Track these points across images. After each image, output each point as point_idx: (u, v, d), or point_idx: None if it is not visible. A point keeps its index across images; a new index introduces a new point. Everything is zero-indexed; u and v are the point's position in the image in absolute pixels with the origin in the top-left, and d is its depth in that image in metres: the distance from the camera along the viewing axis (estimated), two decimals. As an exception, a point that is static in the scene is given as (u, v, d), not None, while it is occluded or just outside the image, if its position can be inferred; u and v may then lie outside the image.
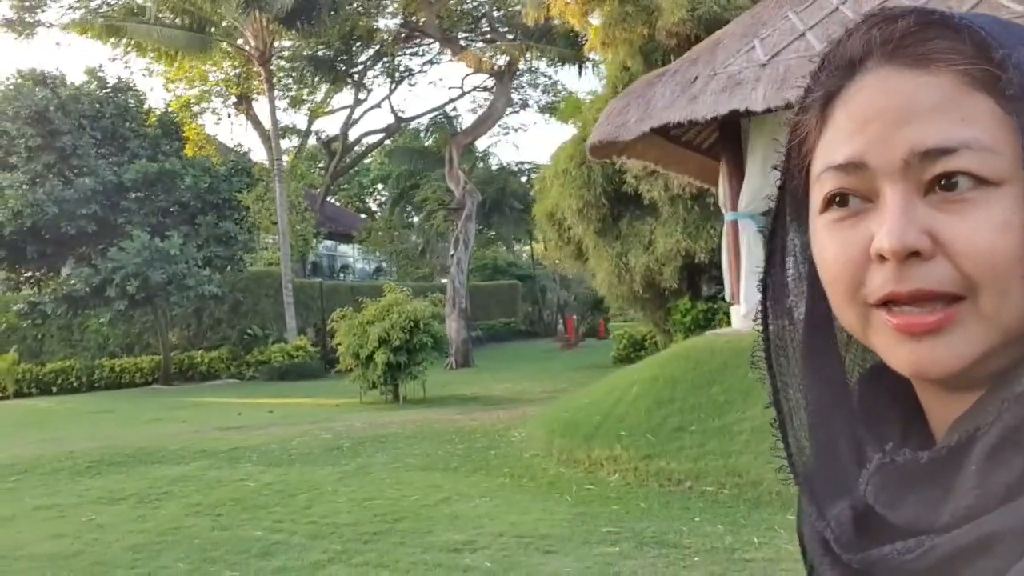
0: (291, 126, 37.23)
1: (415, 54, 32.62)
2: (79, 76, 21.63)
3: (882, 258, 0.49)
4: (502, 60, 22.03)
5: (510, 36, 23.32)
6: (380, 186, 44.75)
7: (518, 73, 26.44)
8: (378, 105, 52.75)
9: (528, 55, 20.01)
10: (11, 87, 17.91)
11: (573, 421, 7.49)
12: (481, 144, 34.81)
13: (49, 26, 24.41)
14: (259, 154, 31.52)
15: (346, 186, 44.55)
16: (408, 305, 12.85)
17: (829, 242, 0.53)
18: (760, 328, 0.61)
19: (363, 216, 42.63)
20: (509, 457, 8.01)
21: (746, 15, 7.96)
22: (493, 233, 38.47)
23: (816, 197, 0.55)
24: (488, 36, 24.56)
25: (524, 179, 35.44)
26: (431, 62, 34.68)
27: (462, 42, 22.59)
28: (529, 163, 36.75)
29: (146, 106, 19.67)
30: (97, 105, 18.35)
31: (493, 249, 41.07)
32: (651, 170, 12.34)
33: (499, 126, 32.68)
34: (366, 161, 40.63)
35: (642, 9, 12.05)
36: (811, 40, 6.82)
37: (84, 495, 7.17)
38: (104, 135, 18.47)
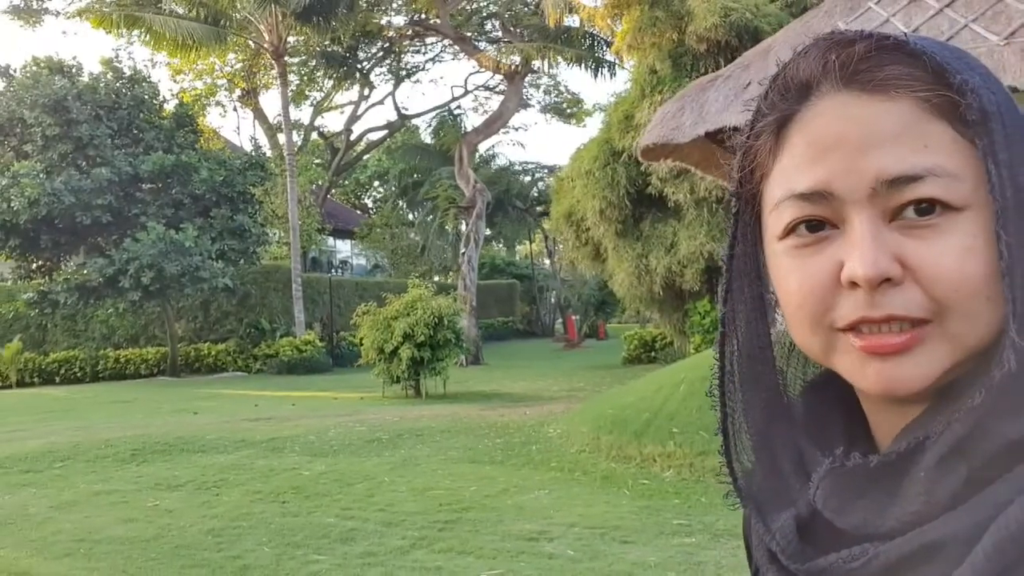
0: (295, 121, 37.24)
1: (418, 51, 32.76)
2: (85, 66, 21.52)
3: (853, 285, 0.50)
4: (515, 60, 22.15)
5: (522, 36, 23.45)
6: (376, 183, 44.81)
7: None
8: (381, 102, 52.79)
9: (546, 56, 20.12)
10: (28, 75, 17.85)
11: (621, 418, 7.64)
12: (483, 144, 35.00)
13: (57, 14, 24.35)
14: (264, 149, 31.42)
15: (343, 182, 44.57)
16: (432, 301, 12.96)
17: (792, 269, 0.53)
18: (717, 356, 0.61)
19: (359, 212, 42.63)
20: (552, 452, 8.15)
21: (796, 23, 8.13)
22: (492, 232, 38.57)
23: (775, 223, 0.54)
24: (499, 36, 24.69)
25: (527, 179, 35.55)
26: (434, 60, 34.82)
27: (474, 42, 22.65)
28: (533, 163, 36.85)
29: (160, 98, 19.62)
30: (114, 96, 18.31)
31: (490, 248, 41.21)
32: (677, 172, 12.52)
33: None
34: (364, 157, 40.65)
35: (672, 15, 12.20)
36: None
37: (138, 482, 7.24)
38: (120, 126, 18.45)
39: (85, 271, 18.06)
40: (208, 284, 18.03)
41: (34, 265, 18.91)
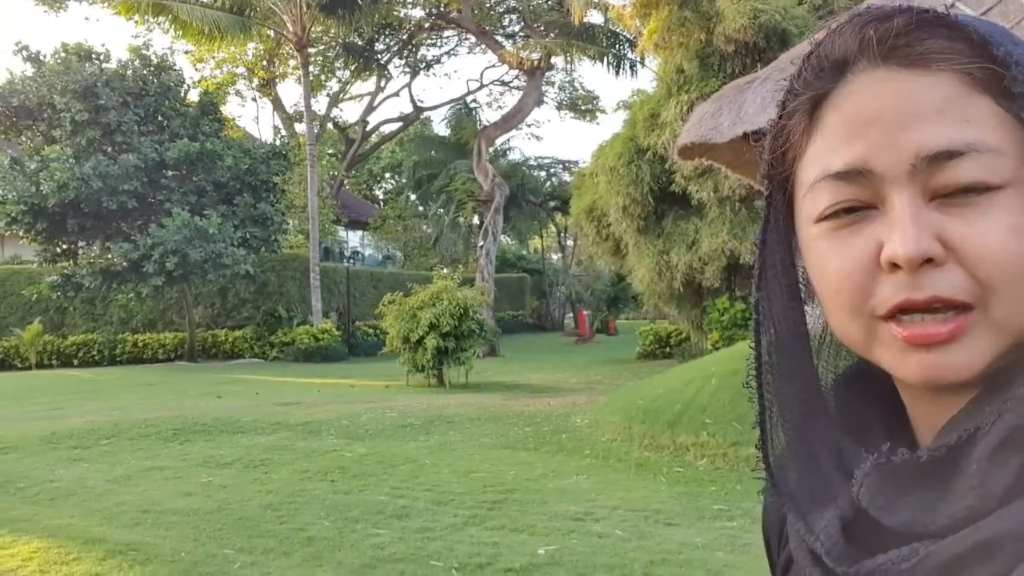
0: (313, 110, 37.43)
1: (433, 44, 32.95)
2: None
3: (893, 267, 0.48)
4: (536, 56, 22.34)
5: (542, 31, 23.64)
6: (388, 175, 45.05)
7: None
8: (396, 94, 53.05)
9: (569, 53, 20.31)
10: (59, 61, 18.09)
11: (653, 409, 7.86)
12: (498, 138, 35.22)
13: (89, 2, 24.56)
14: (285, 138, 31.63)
15: (355, 174, 44.82)
16: (457, 292, 13.20)
17: (830, 252, 0.51)
18: (753, 345, 0.59)
19: (372, 204, 42.88)
20: (583, 440, 8.38)
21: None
22: (505, 226, 38.79)
23: (811, 205, 0.53)
24: (516, 31, 24.89)
25: (541, 174, 35.75)
26: (449, 53, 35.02)
27: (496, 37, 22.85)
28: (548, 158, 37.01)
29: (185, 86, 19.86)
30: (141, 83, 18.55)
31: (501, 242, 41.42)
32: (702, 171, 12.72)
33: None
34: (380, 149, 40.87)
35: (700, 15, 12.39)
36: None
37: (185, 459, 7.49)
38: (146, 112, 18.69)
39: (110, 255, 18.32)
40: (230, 271, 18.28)
41: (59, 249, 19.16)
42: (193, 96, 20.88)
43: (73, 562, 4.53)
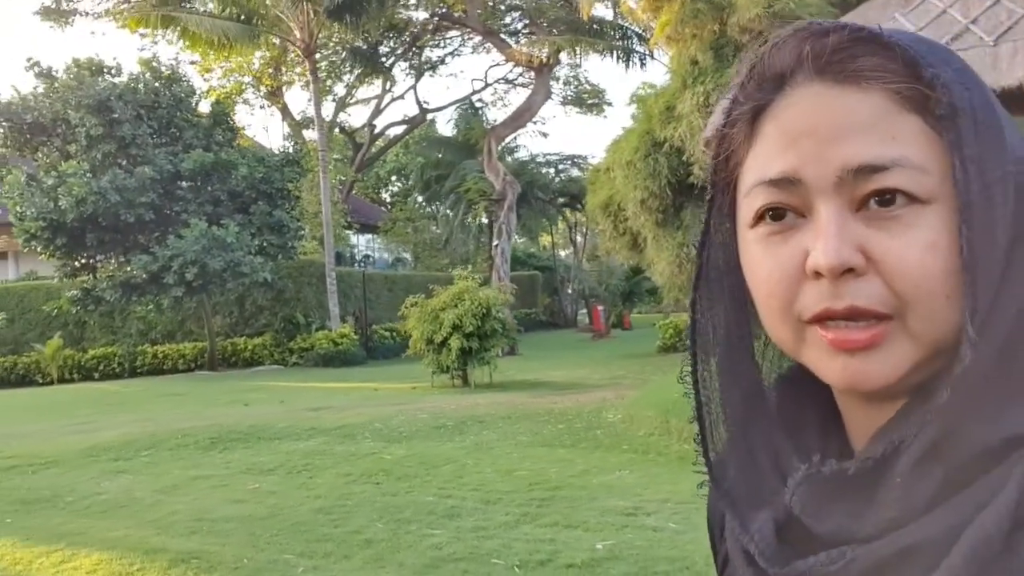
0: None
1: (437, 45, 33.00)
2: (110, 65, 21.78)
3: (817, 275, 0.50)
4: (543, 53, 22.36)
5: (547, 28, 23.66)
6: (394, 178, 45.16)
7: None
8: (401, 97, 53.09)
9: (578, 48, 20.33)
10: (72, 76, 18.21)
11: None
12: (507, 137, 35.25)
13: (86, 15, 24.66)
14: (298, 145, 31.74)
15: (363, 178, 44.92)
16: (479, 292, 13.25)
17: (762, 257, 0.53)
18: (689, 343, 0.62)
19: (380, 208, 43.01)
20: (619, 436, 8.42)
21: (852, 16, 8.32)
22: (517, 224, 38.84)
23: (746, 211, 0.55)
24: (519, 29, 24.93)
25: (549, 171, 35.74)
26: (453, 54, 35.04)
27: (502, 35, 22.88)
28: (555, 154, 37.03)
29: (196, 96, 19.96)
30: (153, 95, 18.65)
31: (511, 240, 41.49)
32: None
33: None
34: (387, 152, 40.95)
35: (714, 6, 12.39)
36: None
37: (228, 467, 7.55)
38: (160, 125, 18.81)
39: (129, 268, 18.44)
40: (249, 279, 18.38)
41: (78, 263, 19.29)
42: (203, 107, 20.97)
43: (138, 573, 4.59)
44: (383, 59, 30.18)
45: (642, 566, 4.34)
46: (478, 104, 35.36)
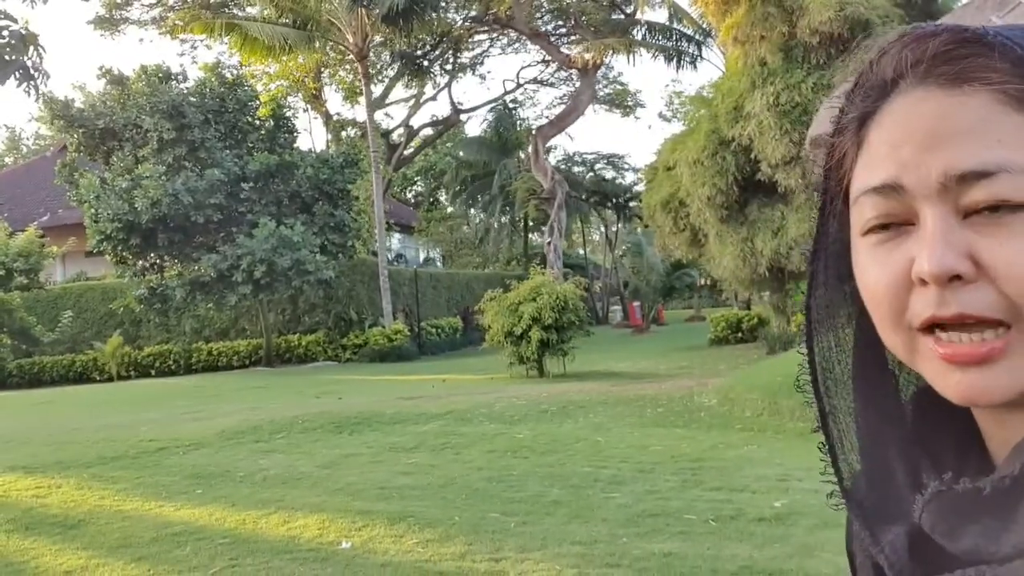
0: (351, 120, 38.24)
1: (467, 48, 33.58)
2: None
3: (924, 282, 0.49)
4: (588, 55, 22.88)
5: (592, 30, 24.17)
6: (418, 178, 45.79)
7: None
8: (433, 98, 53.75)
9: (630, 50, 20.84)
10: (144, 83, 18.88)
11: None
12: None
13: (145, 23, 25.33)
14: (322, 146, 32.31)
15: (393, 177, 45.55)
16: (557, 286, 13.79)
17: (870, 265, 0.53)
18: (804, 351, 0.61)
19: (410, 208, 43.61)
20: (725, 417, 8.92)
21: (947, 18, 8.80)
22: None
23: (856, 219, 0.54)
24: (568, 30, 25.46)
25: (582, 169, 36.28)
26: (483, 54, 35.62)
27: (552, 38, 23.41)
28: (592, 153, 37.50)
29: (257, 101, 20.59)
30: (219, 100, 19.28)
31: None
32: (789, 159, 13.23)
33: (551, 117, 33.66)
34: (423, 151, 41.56)
35: (784, 9, 12.88)
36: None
37: (371, 447, 8.06)
38: (226, 128, 19.44)
39: (197, 267, 19.07)
40: (313, 276, 18.97)
41: (149, 263, 19.95)
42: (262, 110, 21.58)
43: (366, 528, 5.11)
44: (421, 61, 30.85)
45: (824, 520, 4.84)
46: (512, 105, 35.98)
